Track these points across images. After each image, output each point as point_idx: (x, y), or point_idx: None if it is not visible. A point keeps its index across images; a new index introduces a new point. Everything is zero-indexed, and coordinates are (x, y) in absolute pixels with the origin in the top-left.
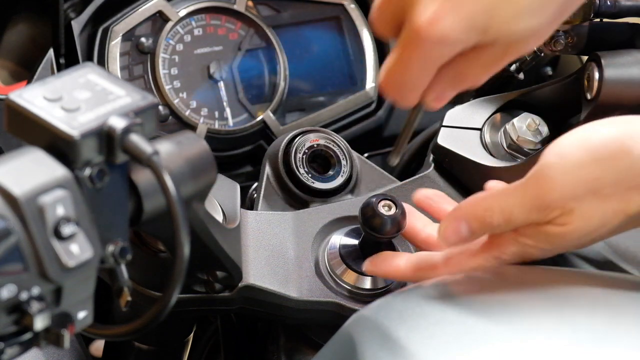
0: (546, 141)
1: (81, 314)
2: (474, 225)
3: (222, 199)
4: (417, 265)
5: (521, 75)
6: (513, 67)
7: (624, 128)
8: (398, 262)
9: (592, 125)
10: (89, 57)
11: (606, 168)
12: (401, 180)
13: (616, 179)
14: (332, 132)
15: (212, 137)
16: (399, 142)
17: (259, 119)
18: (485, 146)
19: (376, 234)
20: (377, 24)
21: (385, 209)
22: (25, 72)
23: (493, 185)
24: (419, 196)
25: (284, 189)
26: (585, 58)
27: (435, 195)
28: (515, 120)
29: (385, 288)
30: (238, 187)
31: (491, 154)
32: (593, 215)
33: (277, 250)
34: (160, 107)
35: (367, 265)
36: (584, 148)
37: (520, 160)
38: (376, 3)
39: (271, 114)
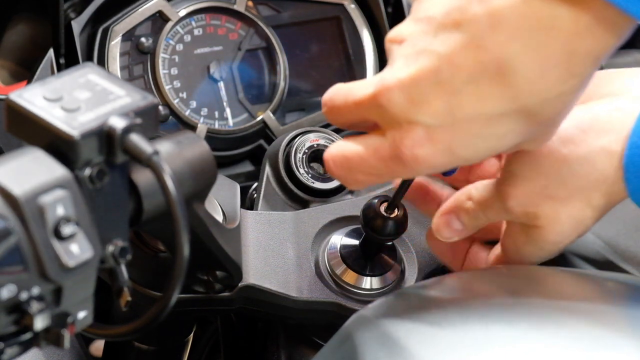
0: None
1: (81, 314)
2: (463, 217)
3: (222, 199)
4: None
5: None
6: None
7: (559, 137)
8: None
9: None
10: (89, 57)
11: (550, 176)
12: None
13: (564, 184)
14: (332, 132)
15: (212, 137)
16: (394, 198)
17: (258, 119)
18: None
19: (378, 236)
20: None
21: (387, 211)
22: (25, 72)
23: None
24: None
25: (284, 189)
26: None
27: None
28: None
29: (385, 288)
30: (238, 187)
31: None
32: (559, 215)
33: (277, 250)
34: (160, 107)
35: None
36: (527, 162)
37: None
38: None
39: (271, 114)
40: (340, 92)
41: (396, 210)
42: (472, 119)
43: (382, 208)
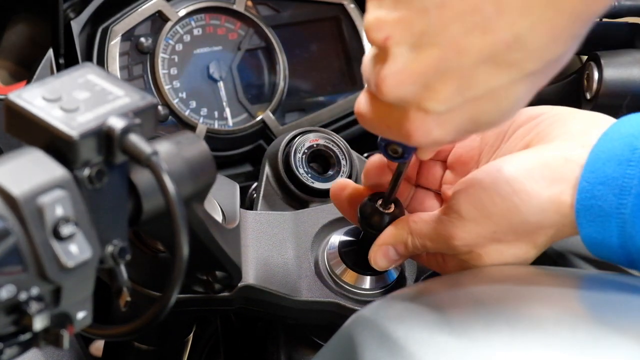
0: None
1: (80, 314)
2: (399, 248)
3: (221, 199)
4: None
5: None
6: None
7: (511, 186)
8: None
9: (486, 180)
10: (88, 57)
11: (500, 223)
12: None
13: (513, 230)
14: (332, 132)
15: (212, 137)
16: (389, 193)
17: (258, 119)
18: None
19: (375, 231)
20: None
21: (384, 207)
22: (25, 72)
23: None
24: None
25: (284, 189)
26: (585, 58)
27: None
28: None
29: (385, 288)
30: (238, 187)
31: None
32: (503, 255)
33: (276, 250)
34: (160, 107)
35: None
36: (477, 207)
37: None
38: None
39: (271, 114)
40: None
41: (393, 206)
42: (481, 95)
43: (379, 204)
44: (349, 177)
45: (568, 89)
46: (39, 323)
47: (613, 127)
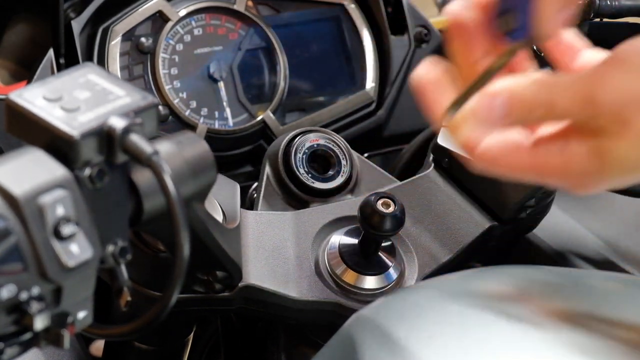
0: None
1: (81, 314)
2: (510, 103)
3: (222, 199)
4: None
5: None
6: None
7: None
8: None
9: None
10: (88, 57)
11: None
12: (401, 180)
13: None
14: (332, 132)
15: (212, 137)
16: (466, 93)
17: (259, 118)
18: None
19: (375, 232)
20: None
21: (384, 207)
22: (25, 72)
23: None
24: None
25: (284, 189)
26: None
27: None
28: None
29: (385, 288)
30: (238, 187)
31: None
32: None
33: (277, 250)
34: (160, 107)
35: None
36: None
37: None
38: None
39: (271, 114)
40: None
41: (393, 206)
42: None
43: (379, 204)
44: (349, 177)
45: None
46: (40, 323)
47: None
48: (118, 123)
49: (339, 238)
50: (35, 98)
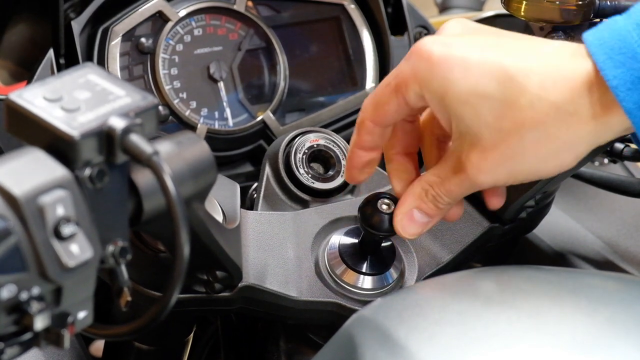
0: None
1: (81, 314)
2: (423, 207)
3: (222, 199)
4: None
5: None
6: None
7: None
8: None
9: None
10: (88, 57)
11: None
12: None
13: None
14: (332, 132)
15: (212, 137)
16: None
17: (259, 119)
18: None
19: (375, 232)
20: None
21: (384, 207)
22: (25, 72)
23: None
24: None
25: (284, 189)
26: None
27: None
28: None
29: (385, 288)
30: (238, 187)
31: None
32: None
33: (277, 250)
34: (160, 107)
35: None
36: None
37: None
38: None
39: (271, 114)
40: None
41: (393, 206)
42: None
43: (379, 204)
44: None
45: None
46: (40, 323)
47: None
48: (118, 123)
49: (339, 238)
50: (35, 98)
